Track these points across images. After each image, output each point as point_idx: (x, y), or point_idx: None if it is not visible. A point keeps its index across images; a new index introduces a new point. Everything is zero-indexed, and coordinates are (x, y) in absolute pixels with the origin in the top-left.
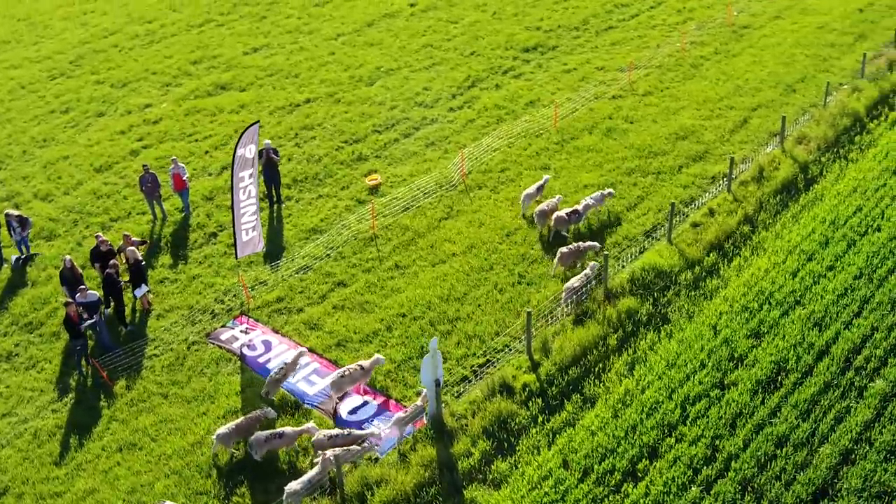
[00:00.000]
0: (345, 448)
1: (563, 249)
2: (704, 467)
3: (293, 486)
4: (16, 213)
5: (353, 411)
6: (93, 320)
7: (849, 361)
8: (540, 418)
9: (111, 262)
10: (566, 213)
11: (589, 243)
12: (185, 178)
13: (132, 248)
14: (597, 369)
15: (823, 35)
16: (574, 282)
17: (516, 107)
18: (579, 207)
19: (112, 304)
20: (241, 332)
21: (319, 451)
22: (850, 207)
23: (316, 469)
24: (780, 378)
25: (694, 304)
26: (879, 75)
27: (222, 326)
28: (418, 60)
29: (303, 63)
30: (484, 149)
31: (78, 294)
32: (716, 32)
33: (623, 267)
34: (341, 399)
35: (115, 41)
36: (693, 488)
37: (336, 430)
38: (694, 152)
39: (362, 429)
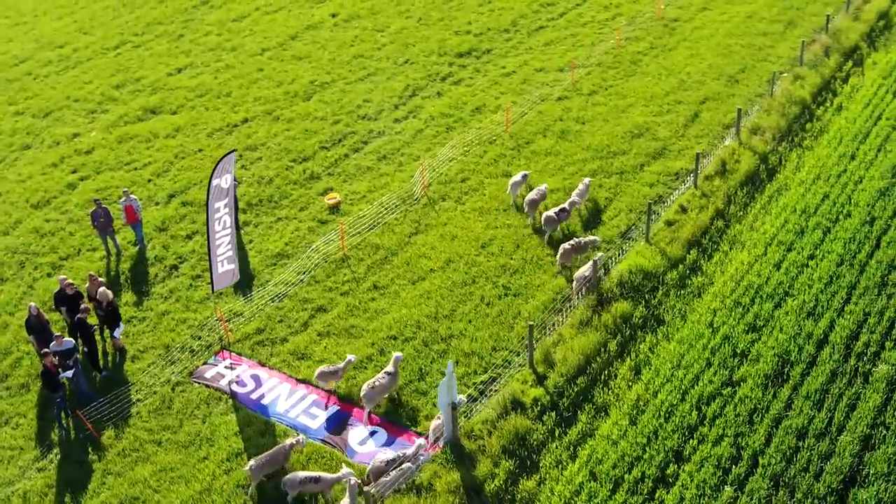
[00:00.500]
0: (400, 469)
1: (566, 245)
2: (733, 466)
3: None
4: None
5: (362, 442)
6: (71, 369)
7: (849, 348)
8: (557, 432)
9: (82, 306)
10: (555, 213)
11: (590, 238)
12: (137, 211)
13: (103, 288)
14: (603, 376)
15: (754, 24)
16: (584, 270)
17: (463, 114)
18: (566, 205)
19: (84, 349)
20: (226, 367)
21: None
22: (816, 195)
23: (346, 499)
24: (786, 370)
25: (685, 304)
26: (818, 62)
27: (204, 364)
28: (352, 72)
29: (232, 81)
30: (440, 159)
31: (53, 343)
32: (647, 27)
33: (608, 270)
34: (350, 427)
35: (27, 69)
36: (727, 488)
37: (391, 454)
38: (652, 150)
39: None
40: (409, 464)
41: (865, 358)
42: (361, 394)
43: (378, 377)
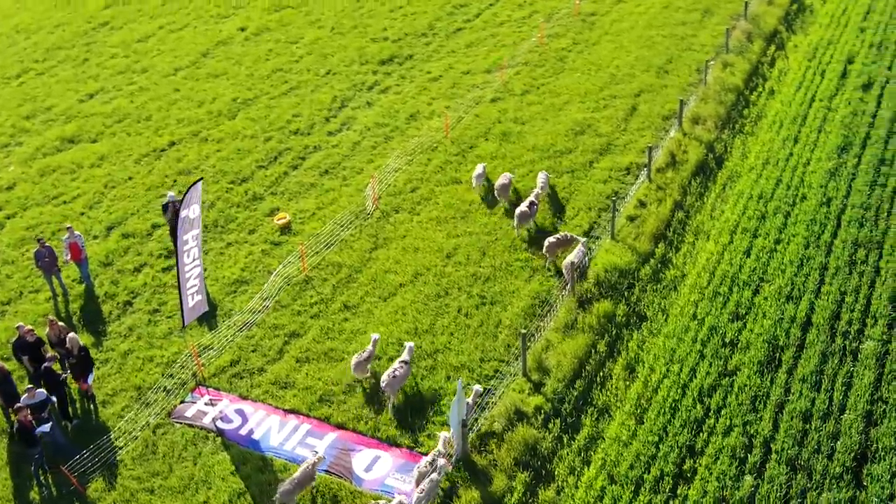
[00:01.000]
0: (430, 480)
1: (551, 239)
2: (748, 455)
3: None
4: None
5: (368, 468)
6: (48, 422)
7: (833, 329)
8: (564, 438)
9: (48, 354)
10: (526, 207)
11: (573, 235)
12: (83, 248)
13: (73, 334)
14: (599, 378)
15: (671, 14)
16: (571, 258)
17: (398, 122)
18: (533, 198)
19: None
20: (207, 404)
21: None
22: (770, 181)
23: None
24: (777, 356)
25: (663, 298)
26: (743, 48)
27: (182, 402)
28: (274, 86)
29: (150, 104)
30: (385, 170)
31: (25, 395)
32: (566, 23)
33: (585, 269)
34: (353, 452)
35: None
36: (747, 478)
37: (426, 459)
38: (598, 146)
39: (387, 486)
40: (435, 475)
41: (850, 336)
42: (382, 385)
43: (395, 367)
